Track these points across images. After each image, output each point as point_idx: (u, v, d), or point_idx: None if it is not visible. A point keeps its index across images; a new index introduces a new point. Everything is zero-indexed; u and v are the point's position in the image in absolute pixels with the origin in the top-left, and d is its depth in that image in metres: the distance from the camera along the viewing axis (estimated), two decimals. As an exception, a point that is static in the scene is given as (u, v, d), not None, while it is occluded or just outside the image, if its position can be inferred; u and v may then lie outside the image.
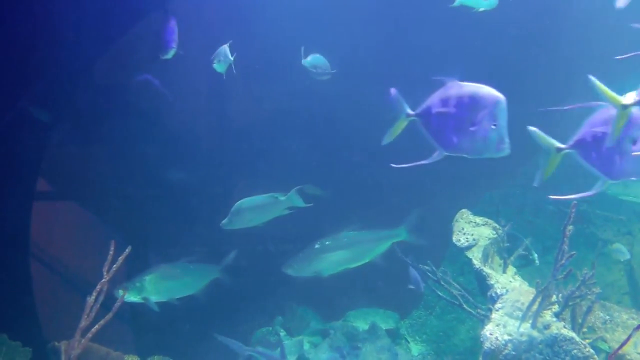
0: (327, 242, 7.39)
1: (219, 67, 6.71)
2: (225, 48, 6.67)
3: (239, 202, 7.02)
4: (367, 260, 7.43)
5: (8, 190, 7.25)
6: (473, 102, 4.86)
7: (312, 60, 7.45)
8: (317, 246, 7.39)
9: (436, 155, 5.19)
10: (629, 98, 4.53)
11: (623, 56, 5.03)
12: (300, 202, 7.16)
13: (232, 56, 6.68)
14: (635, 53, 5.10)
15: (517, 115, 8.06)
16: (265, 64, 8.26)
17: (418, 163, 5.10)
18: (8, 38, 6.42)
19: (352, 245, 7.38)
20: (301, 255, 7.32)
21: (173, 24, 6.32)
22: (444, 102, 5.00)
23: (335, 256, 7.32)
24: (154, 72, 7.87)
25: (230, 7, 7.82)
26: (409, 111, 5.19)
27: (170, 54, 6.29)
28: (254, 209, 7.07)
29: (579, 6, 7.86)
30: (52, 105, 7.33)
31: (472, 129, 4.82)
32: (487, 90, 4.88)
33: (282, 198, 7.09)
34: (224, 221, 7.05)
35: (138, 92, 7.92)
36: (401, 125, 5.24)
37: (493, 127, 4.78)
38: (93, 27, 6.97)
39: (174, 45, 6.26)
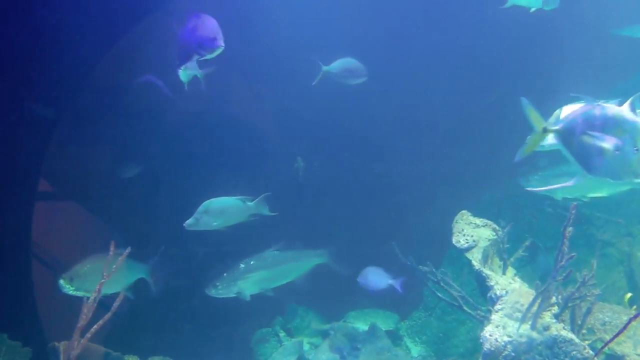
0: (251, 262, 7.31)
1: (183, 74, 6.48)
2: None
3: (206, 202, 6.89)
4: (289, 280, 7.40)
5: (9, 190, 7.25)
6: (617, 125, 4.67)
7: (342, 64, 7.33)
8: (242, 266, 7.29)
9: (578, 178, 5.08)
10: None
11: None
12: (266, 210, 7.06)
13: (201, 69, 6.45)
14: None
15: (519, 117, 8.09)
16: (268, 63, 8.26)
17: (558, 186, 4.97)
18: (11, 38, 6.43)
19: (276, 265, 7.32)
20: (226, 276, 7.19)
21: (213, 20, 5.77)
22: (588, 122, 4.76)
23: (259, 276, 7.24)
24: (157, 73, 7.85)
25: (232, 6, 7.81)
26: (549, 125, 5.01)
27: (216, 52, 5.88)
28: (222, 211, 6.94)
29: (579, 10, 7.87)
30: (55, 106, 7.34)
31: (617, 152, 4.67)
32: (628, 112, 4.73)
33: (250, 203, 6.99)
34: (189, 221, 6.89)
35: (141, 92, 7.90)
36: (538, 139, 4.98)
37: (635, 150, 4.66)
38: (97, 26, 6.96)
39: (222, 42, 5.71)
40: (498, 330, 5.61)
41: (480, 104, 8.00)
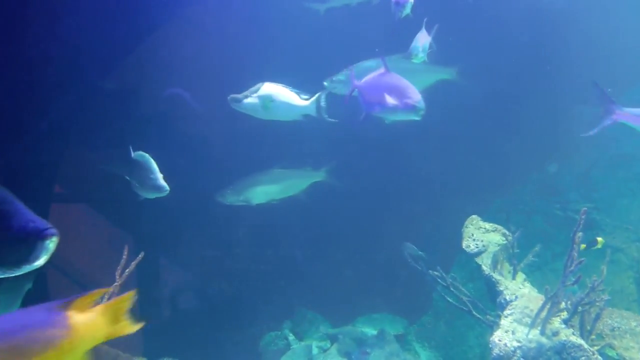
0: None
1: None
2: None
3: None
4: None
5: (25, 194, 7.28)
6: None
7: None
8: None
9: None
10: None
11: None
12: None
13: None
14: None
15: (526, 124, 8.11)
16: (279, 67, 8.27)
17: None
18: (33, 49, 6.48)
19: None
20: None
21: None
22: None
23: None
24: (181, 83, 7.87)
25: (248, 13, 7.84)
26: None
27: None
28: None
29: (585, 14, 7.90)
30: (77, 115, 7.38)
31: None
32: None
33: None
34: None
35: (169, 103, 7.94)
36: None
37: None
38: (117, 34, 7.00)
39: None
40: (507, 335, 5.62)
41: (489, 110, 8.01)
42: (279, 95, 6.42)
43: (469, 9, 7.58)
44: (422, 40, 6.30)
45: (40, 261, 3.56)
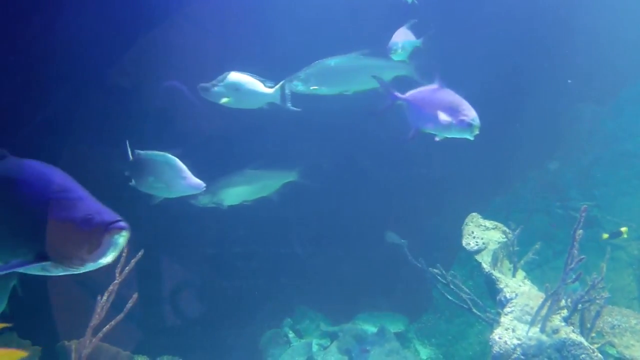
0: None
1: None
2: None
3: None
4: None
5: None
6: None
7: None
8: None
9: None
10: None
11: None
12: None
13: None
14: None
15: (527, 122, 8.09)
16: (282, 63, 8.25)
17: None
18: (32, 44, 6.47)
19: None
20: None
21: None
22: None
23: None
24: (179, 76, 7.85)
25: (247, 9, 7.82)
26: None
27: None
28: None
29: (586, 9, 7.90)
30: (75, 110, 7.37)
31: None
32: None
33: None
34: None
35: (166, 97, 7.92)
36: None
37: None
38: (116, 30, 6.99)
39: None
40: (507, 333, 5.62)
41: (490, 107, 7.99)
42: (245, 83, 6.58)
43: (469, 5, 7.56)
44: (402, 37, 6.26)
45: (108, 259, 3.23)
